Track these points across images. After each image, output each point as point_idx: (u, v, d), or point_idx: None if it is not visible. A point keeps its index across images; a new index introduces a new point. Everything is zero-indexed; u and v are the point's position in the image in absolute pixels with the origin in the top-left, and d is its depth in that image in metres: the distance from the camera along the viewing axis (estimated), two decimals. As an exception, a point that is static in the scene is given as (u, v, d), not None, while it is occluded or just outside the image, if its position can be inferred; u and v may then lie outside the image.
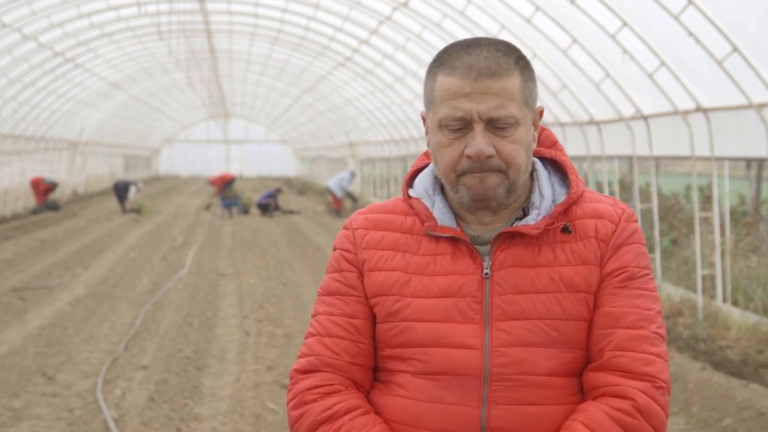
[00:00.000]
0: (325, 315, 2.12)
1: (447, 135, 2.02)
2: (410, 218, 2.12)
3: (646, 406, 1.95)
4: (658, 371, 1.98)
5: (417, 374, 2.03)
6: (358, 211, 2.20)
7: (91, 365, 8.44)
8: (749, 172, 15.43)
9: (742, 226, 13.06)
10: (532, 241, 2.04)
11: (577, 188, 2.08)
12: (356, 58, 22.50)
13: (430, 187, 2.12)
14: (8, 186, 24.98)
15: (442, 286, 2.03)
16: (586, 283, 2.02)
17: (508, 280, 2.02)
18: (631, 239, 2.06)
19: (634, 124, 11.54)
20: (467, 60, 2.00)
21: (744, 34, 8.65)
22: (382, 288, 2.07)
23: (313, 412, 2.04)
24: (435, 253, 2.06)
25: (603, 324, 2.01)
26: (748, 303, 9.66)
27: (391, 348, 2.06)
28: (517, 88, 2.01)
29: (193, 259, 16.38)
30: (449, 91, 2.00)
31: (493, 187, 2.01)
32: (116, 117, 36.66)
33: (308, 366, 2.09)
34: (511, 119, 1.99)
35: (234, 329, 10.15)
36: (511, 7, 12.46)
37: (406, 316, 2.04)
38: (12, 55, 19.78)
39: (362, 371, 2.09)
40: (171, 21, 21.33)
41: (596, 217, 2.06)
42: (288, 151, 57.88)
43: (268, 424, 6.60)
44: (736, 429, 6.48)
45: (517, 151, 2.00)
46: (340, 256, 2.14)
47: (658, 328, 2.02)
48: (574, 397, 2.02)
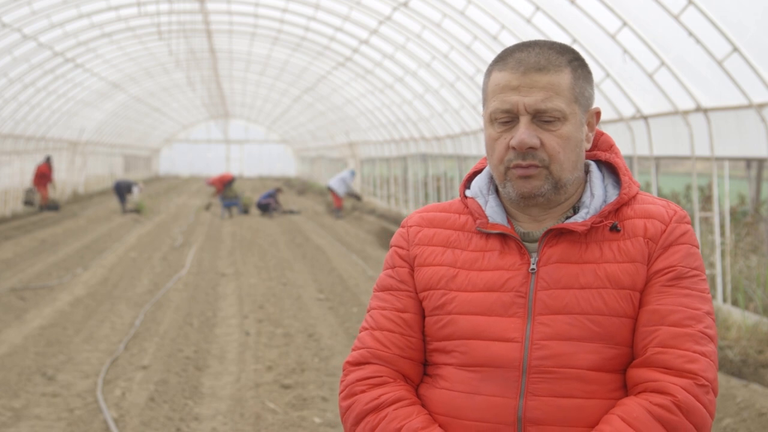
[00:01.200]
0: (378, 310, 2.18)
1: (496, 128, 2.07)
2: (464, 216, 2.18)
3: (687, 402, 1.94)
4: (701, 369, 1.97)
5: (459, 366, 2.07)
6: (417, 210, 2.26)
7: (91, 365, 8.44)
8: (749, 172, 15.44)
9: (742, 226, 13.07)
10: (579, 238, 2.06)
11: (629, 190, 2.11)
12: (356, 58, 22.49)
13: (485, 187, 2.17)
14: (8, 186, 24.98)
15: (488, 280, 2.07)
16: (631, 280, 2.03)
17: (553, 275, 2.04)
18: (682, 240, 2.07)
19: (634, 123, 11.55)
20: (519, 56, 2.06)
21: (744, 34, 8.65)
22: (431, 282, 2.12)
23: (360, 402, 2.09)
24: (484, 249, 2.11)
25: (648, 321, 2.02)
26: (748, 303, 9.66)
27: (437, 341, 2.11)
28: (566, 84, 2.05)
29: (193, 259, 16.38)
30: (499, 86, 2.06)
31: (538, 186, 2.05)
32: (116, 117, 36.66)
33: (359, 358, 2.14)
34: (558, 113, 2.03)
35: (234, 329, 10.15)
36: (511, 7, 12.46)
37: (451, 309, 2.08)
38: (12, 55, 19.78)
39: (411, 364, 2.14)
40: (171, 21, 21.33)
41: (646, 217, 2.08)
42: (288, 151, 57.89)
43: (268, 424, 6.60)
44: (736, 429, 6.48)
45: (562, 146, 2.04)
46: (394, 253, 2.21)
47: (705, 328, 2.01)
48: (616, 393, 2.02)
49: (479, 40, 14.82)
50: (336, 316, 10.78)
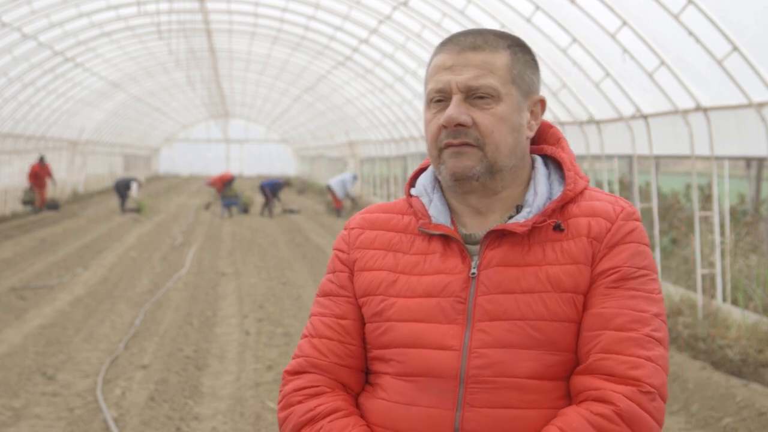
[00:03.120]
0: (317, 316, 2.11)
1: (431, 110, 2.01)
2: (407, 217, 2.09)
3: (630, 411, 1.85)
4: (646, 375, 1.87)
5: (397, 376, 1.99)
6: (361, 210, 2.18)
7: (91, 365, 8.44)
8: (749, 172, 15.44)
9: (741, 226, 13.07)
10: (521, 239, 1.97)
11: (574, 186, 2.01)
12: (356, 58, 22.49)
13: (430, 185, 2.09)
14: (8, 185, 24.98)
15: (427, 285, 1.99)
16: (574, 282, 1.94)
17: (493, 279, 1.95)
18: (628, 238, 1.96)
19: (633, 123, 11.54)
20: (457, 39, 2.01)
21: (744, 34, 8.65)
22: (369, 288, 2.04)
23: (296, 413, 2.02)
24: (426, 252, 2.02)
25: (591, 325, 1.92)
26: (748, 302, 9.66)
27: (377, 349, 2.03)
28: (503, 64, 1.98)
29: (193, 258, 16.38)
30: (435, 67, 2.01)
31: (470, 166, 1.96)
32: (116, 116, 36.66)
33: (297, 367, 2.07)
34: (491, 90, 1.96)
35: (234, 329, 10.15)
36: (511, 6, 12.45)
37: (390, 316, 2.00)
38: (12, 55, 19.78)
39: (350, 373, 2.06)
40: (171, 20, 21.33)
41: (591, 215, 1.98)
42: (288, 150, 57.88)
43: (268, 424, 6.60)
44: (736, 428, 6.48)
45: (496, 126, 1.96)
46: (335, 257, 2.14)
47: (652, 331, 1.91)
48: (560, 402, 1.93)
49: (479, 40, 14.79)
50: (336, 315, 10.77)
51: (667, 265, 12.03)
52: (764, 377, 7.60)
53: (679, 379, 7.58)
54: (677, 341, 8.89)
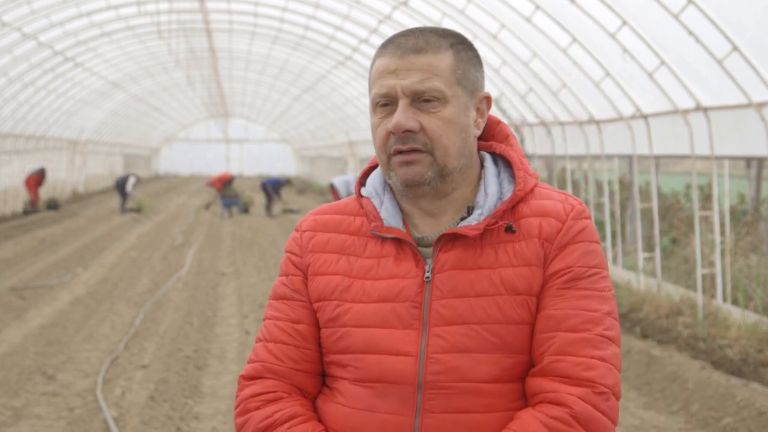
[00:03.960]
0: (272, 320, 2.08)
1: (378, 114, 1.98)
2: (359, 219, 2.06)
3: (584, 413, 1.85)
4: (599, 376, 1.88)
5: (354, 381, 1.98)
6: (311, 211, 2.16)
7: (91, 364, 8.44)
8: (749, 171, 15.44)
9: (741, 225, 13.07)
10: (474, 242, 1.96)
11: (524, 185, 1.99)
12: (356, 57, 22.49)
13: (380, 186, 2.06)
14: (8, 185, 24.99)
15: (382, 290, 1.97)
16: (527, 285, 1.93)
17: (447, 283, 1.94)
18: (578, 238, 1.96)
19: (634, 123, 11.55)
20: (398, 41, 1.98)
21: (744, 34, 8.65)
22: (324, 293, 2.02)
23: (254, 420, 2.00)
24: (380, 256, 2.00)
25: (544, 327, 1.92)
26: (748, 302, 9.66)
27: (333, 354, 2.02)
28: (447, 66, 1.95)
29: (193, 258, 16.38)
30: (378, 71, 1.97)
31: (421, 172, 1.94)
32: (116, 116, 36.66)
33: (253, 372, 2.05)
34: (437, 93, 1.93)
35: (234, 328, 10.15)
36: (511, 6, 12.45)
37: (345, 322, 1.98)
38: (12, 55, 19.78)
39: (307, 377, 2.05)
40: (171, 20, 21.33)
41: (542, 215, 1.97)
42: (288, 150, 57.88)
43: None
44: (736, 428, 6.48)
45: (444, 130, 1.94)
46: (288, 260, 2.11)
47: (604, 330, 1.91)
48: (517, 403, 1.94)
49: (479, 39, 14.81)
50: (336, 315, 10.77)
51: (667, 265, 12.03)
52: (764, 377, 7.60)
53: (679, 379, 7.58)
54: (677, 341, 8.90)
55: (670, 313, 9.67)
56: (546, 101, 14.06)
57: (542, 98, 14.01)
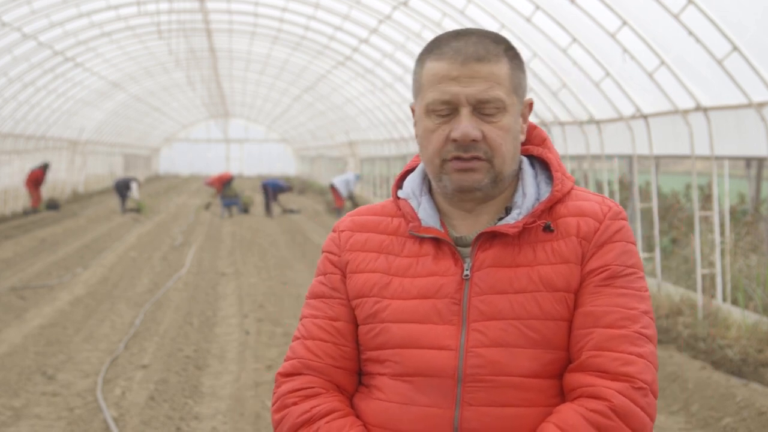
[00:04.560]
0: (310, 318, 2.11)
1: (434, 120, 1.99)
2: (396, 220, 2.10)
3: (623, 407, 1.88)
4: (638, 371, 1.91)
5: (393, 376, 2.00)
6: (348, 212, 2.19)
7: (91, 364, 8.44)
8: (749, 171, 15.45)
9: (741, 225, 13.07)
10: (512, 240, 1.99)
11: (561, 186, 2.04)
12: (356, 57, 22.49)
13: (417, 188, 2.10)
14: (8, 185, 24.98)
15: (421, 287, 2.00)
16: (565, 281, 1.96)
17: (486, 280, 1.98)
18: (616, 237, 2.00)
19: (634, 123, 11.54)
20: (455, 45, 1.99)
21: (744, 34, 8.65)
22: (363, 290, 2.05)
23: (292, 415, 2.03)
24: (418, 255, 2.04)
25: (582, 323, 1.95)
26: (748, 302, 9.66)
27: (371, 350, 2.04)
28: (506, 74, 1.99)
29: (193, 258, 16.39)
30: (437, 76, 1.98)
31: (479, 179, 1.98)
32: (116, 116, 36.66)
33: (291, 369, 2.08)
34: (500, 103, 1.97)
35: (234, 328, 10.15)
36: (511, 6, 12.46)
37: (384, 318, 2.01)
38: (12, 55, 19.78)
39: (345, 374, 2.07)
40: (171, 20, 21.33)
41: (580, 215, 2.01)
42: (288, 150, 57.89)
43: (267, 424, 6.60)
44: (736, 428, 6.48)
45: (503, 138, 1.98)
46: (326, 259, 2.14)
47: (642, 328, 1.95)
48: (555, 399, 1.96)
49: (479, 40, 14.79)
50: (336, 315, 10.77)
51: (667, 265, 12.03)
52: (764, 377, 7.60)
53: (679, 379, 7.58)
54: (677, 341, 8.89)
55: (670, 313, 9.66)
56: (546, 101, 14.06)
57: (542, 98, 14.01)
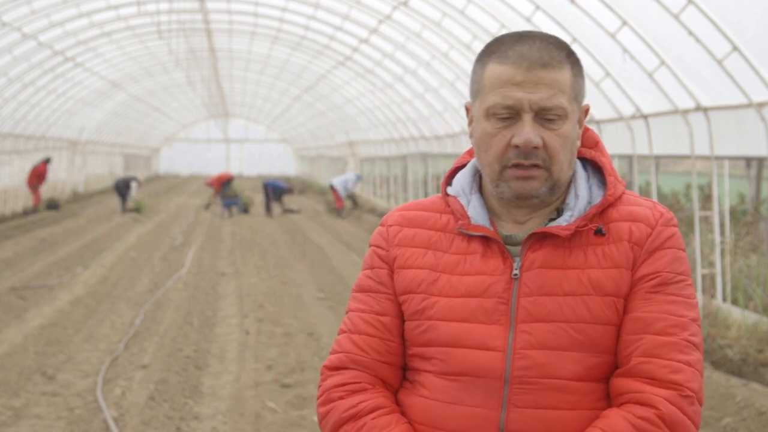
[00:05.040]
0: (356, 312, 2.11)
1: (494, 124, 1.98)
2: (445, 216, 2.10)
3: (671, 415, 1.89)
4: (686, 380, 1.91)
5: (439, 374, 2.01)
6: (397, 207, 2.18)
7: (91, 364, 8.44)
8: (749, 171, 15.45)
9: (741, 225, 13.07)
10: (563, 242, 2.00)
11: (614, 190, 2.03)
12: (356, 57, 22.49)
13: (468, 186, 2.09)
14: (8, 185, 24.98)
15: (469, 285, 2.00)
16: (615, 286, 1.96)
17: (536, 281, 1.98)
18: (667, 244, 1.99)
19: (633, 123, 11.55)
20: (519, 49, 1.97)
21: (744, 34, 8.65)
22: (410, 286, 2.05)
23: (338, 409, 2.03)
24: (466, 252, 2.03)
25: (632, 329, 1.96)
26: (748, 302, 9.66)
27: (417, 346, 2.04)
28: (568, 82, 1.98)
29: (193, 258, 16.38)
30: (500, 79, 1.97)
31: (536, 187, 1.98)
32: (116, 116, 36.66)
33: (337, 363, 2.08)
34: (561, 111, 1.96)
35: (234, 328, 10.15)
36: (511, 6, 12.46)
37: (431, 315, 2.01)
38: (12, 54, 19.78)
39: (390, 369, 2.07)
40: (171, 20, 21.33)
41: (632, 220, 2.01)
42: (288, 150, 57.89)
43: (268, 424, 6.60)
44: (736, 428, 6.48)
45: (562, 146, 1.97)
46: (373, 253, 2.14)
47: (690, 336, 1.95)
48: (600, 402, 1.97)
49: (479, 39, 14.82)
50: (336, 315, 10.78)
51: (667, 265, 12.01)
52: (764, 377, 7.60)
53: (679, 379, 7.57)
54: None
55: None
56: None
57: (542, 98, 14.00)
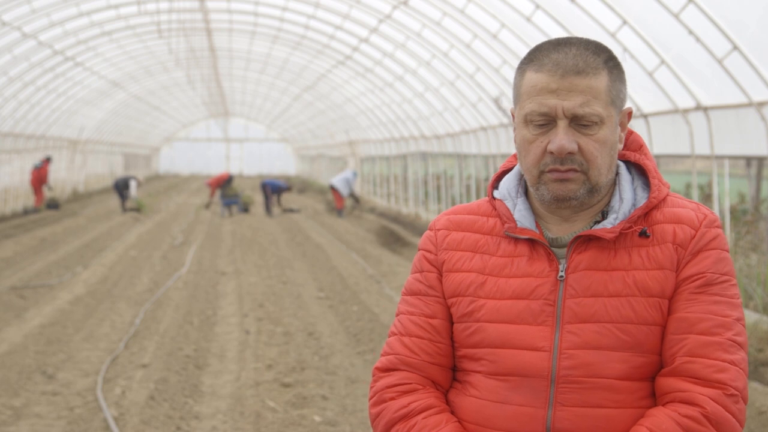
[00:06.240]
0: (406, 315, 2.16)
1: (532, 130, 2.03)
2: (492, 219, 2.15)
3: (716, 414, 1.91)
4: (731, 379, 1.94)
5: (488, 375, 2.05)
6: (444, 212, 2.24)
7: (91, 364, 8.44)
8: (749, 171, 15.45)
9: (742, 225, 13.08)
10: (608, 244, 2.03)
11: (658, 193, 2.07)
12: (356, 57, 22.49)
13: (513, 189, 2.14)
14: (8, 185, 24.99)
15: (516, 288, 2.05)
16: (660, 287, 2.00)
17: (582, 283, 2.02)
18: (711, 245, 2.03)
19: (633, 122, 11.55)
20: (555, 57, 2.01)
21: (744, 33, 8.65)
22: (459, 289, 2.10)
23: (390, 410, 2.07)
24: (513, 255, 2.08)
25: (676, 329, 1.99)
26: (748, 301, 9.66)
27: (466, 348, 2.09)
28: (604, 87, 2.01)
29: (193, 257, 16.38)
30: (536, 87, 2.02)
31: (574, 189, 2.02)
32: (116, 115, 36.66)
33: (388, 364, 2.13)
34: (596, 117, 2.00)
35: (234, 328, 10.15)
36: (511, 5, 12.46)
37: (480, 317, 2.06)
38: (12, 54, 19.78)
39: (440, 370, 2.12)
40: (171, 20, 21.33)
41: (676, 222, 2.04)
42: (288, 149, 57.89)
43: (268, 423, 6.60)
44: (736, 427, 6.48)
45: (599, 151, 2.01)
46: (423, 257, 2.19)
47: (734, 336, 1.98)
48: (645, 401, 2.00)
49: (479, 39, 14.82)
50: (336, 314, 10.78)
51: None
52: (764, 376, 7.61)
53: (679, 379, 7.58)
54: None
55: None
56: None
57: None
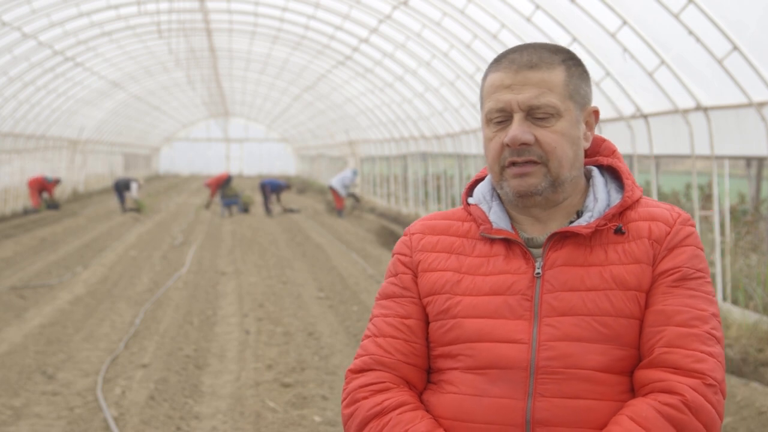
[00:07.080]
0: (380, 317, 2.17)
1: (492, 128, 2.08)
2: (467, 223, 2.17)
3: (695, 402, 1.93)
4: (709, 369, 1.96)
5: (465, 370, 2.05)
6: (419, 218, 2.26)
7: (91, 364, 8.44)
8: (749, 171, 15.46)
9: (742, 225, 13.08)
10: (584, 241, 2.06)
11: (632, 193, 2.10)
12: (356, 57, 22.49)
13: (488, 194, 2.17)
14: (8, 185, 24.99)
15: (493, 285, 2.06)
16: (637, 281, 2.02)
17: (559, 278, 2.04)
18: (686, 242, 2.06)
19: (634, 122, 11.55)
20: (512, 56, 2.08)
21: (744, 33, 8.65)
22: (435, 287, 2.12)
23: (363, 408, 2.07)
24: (489, 255, 2.10)
25: (654, 321, 2.01)
26: (748, 301, 9.66)
27: (442, 346, 2.10)
28: (560, 81, 2.05)
29: (193, 257, 16.39)
30: (493, 86, 2.07)
31: (535, 183, 2.04)
32: (116, 115, 36.66)
33: (362, 365, 2.13)
34: (551, 109, 2.03)
35: (234, 328, 10.15)
36: (511, 5, 12.46)
37: (456, 313, 2.07)
38: (12, 54, 19.78)
39: (414, 371, 2.12)
40: (171, 20, 21.33)
41: (650, 219, 2.08)
42: (288, 149, 57.89)
43: (268, 423, 6.60)
44: (736, 428, 6.49)
45: (558, 142, 2.03)
46: (397, 261, 2.20)
47: (711, 329, 2.00)
48: (625, 395, 2.01)
49: (479, 39, 14.82)
50: (336, 314, 10.78)
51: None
52: (764, 376, 7.60)
53: (679, 379, 7.58)
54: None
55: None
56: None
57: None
